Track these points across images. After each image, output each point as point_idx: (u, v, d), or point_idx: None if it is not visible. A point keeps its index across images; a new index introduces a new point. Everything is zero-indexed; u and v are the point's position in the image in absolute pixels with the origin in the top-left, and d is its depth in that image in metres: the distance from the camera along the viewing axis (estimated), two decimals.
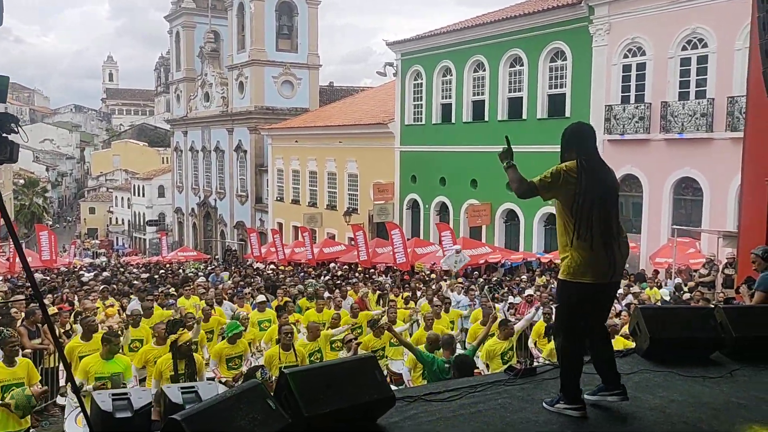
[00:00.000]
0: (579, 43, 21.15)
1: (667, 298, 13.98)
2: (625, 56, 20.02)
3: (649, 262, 18.73)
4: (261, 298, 12.11)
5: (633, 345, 6.08)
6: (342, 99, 41.19)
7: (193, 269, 27.43)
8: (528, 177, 4.01)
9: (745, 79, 13.02)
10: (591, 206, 3.93)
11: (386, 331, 9.71)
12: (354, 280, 18.56)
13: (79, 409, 6.32)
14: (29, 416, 6.86)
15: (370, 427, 3.92)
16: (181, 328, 8.21)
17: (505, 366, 7.36)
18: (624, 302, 13.05)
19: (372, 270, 22.79)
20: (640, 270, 18.35)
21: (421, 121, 27.68)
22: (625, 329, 9.29)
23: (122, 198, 70.18)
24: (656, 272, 17.62)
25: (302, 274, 22.25)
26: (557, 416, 4.07)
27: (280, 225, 36.98)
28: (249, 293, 15.27)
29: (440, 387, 4.77)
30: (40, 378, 7.25)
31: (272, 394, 3.72)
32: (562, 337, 4.17)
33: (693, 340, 5.26)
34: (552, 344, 8.89)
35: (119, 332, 9.05)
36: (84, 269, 27.43)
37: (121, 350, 9.11)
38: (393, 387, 4.92)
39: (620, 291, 12.98)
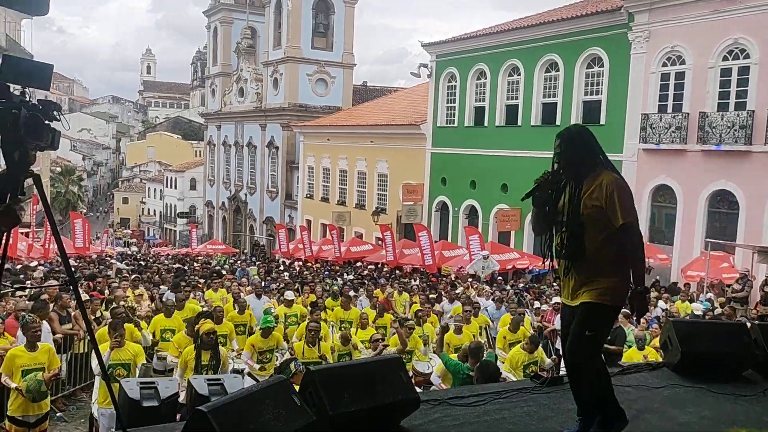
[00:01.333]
0: (617, 49, 20.86)
1: (699, 313, 13.67)
2: (664, 65, 19.68)
3: (681, 274, 18.40)
4: (289, 294, 12.18)
5: (661, 359, 5.98)
6: (375, 99, 41.26)
7: (219, 262, 27.72)
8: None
9: None
10: None
11: (413, 335, 9.68)
12: (382, 281, 18.57)
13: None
14: (48, 400, 6.96)
15: (393, 429, 3.91)
16: (203, 319, 8.30)
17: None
18: (653, 315, 12.83)
19: (398, 271, 22.78)
20: (671, 282, 18.04)
21: (453, 123, 27.57)
22: (656, 342, 9.13)
23: (155, 189, 71.26)
24: (687, 285, 17.32)
25: (327, 272, 22.33)
26: None
27: (309, 222, 37.16)
28: (276, 289, 15.37)
29: (465, 391, 4.75)
30: (59, 365, 7.34)
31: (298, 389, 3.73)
32: (598, 361, 3.77)
33: (725, 356, 5.15)
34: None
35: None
36: (115, 258, 27.89)
37: (152, 338, 9.34)
38: (417, 389, 4.90)
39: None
